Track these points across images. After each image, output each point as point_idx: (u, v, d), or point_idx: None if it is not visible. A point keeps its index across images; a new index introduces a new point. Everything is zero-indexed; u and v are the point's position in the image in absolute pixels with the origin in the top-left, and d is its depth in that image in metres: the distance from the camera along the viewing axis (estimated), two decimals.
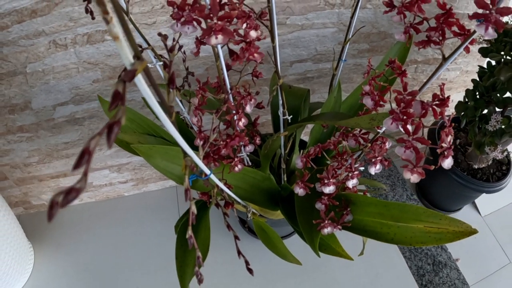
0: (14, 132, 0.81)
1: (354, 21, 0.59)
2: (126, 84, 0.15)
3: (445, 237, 0.45)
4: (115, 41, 0.15)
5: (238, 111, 0.38)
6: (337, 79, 0.64)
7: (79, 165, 0.14)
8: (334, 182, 0.45)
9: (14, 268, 0.82)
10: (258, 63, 0.46)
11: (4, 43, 0.70)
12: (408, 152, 0.35)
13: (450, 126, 0.36)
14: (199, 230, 0.53)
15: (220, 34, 0.29)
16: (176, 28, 0.33)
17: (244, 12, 0.32)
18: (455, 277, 0.90)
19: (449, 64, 0.41)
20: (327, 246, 0.51)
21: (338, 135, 0.49)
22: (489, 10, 0.33)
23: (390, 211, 0.48)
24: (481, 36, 0.94)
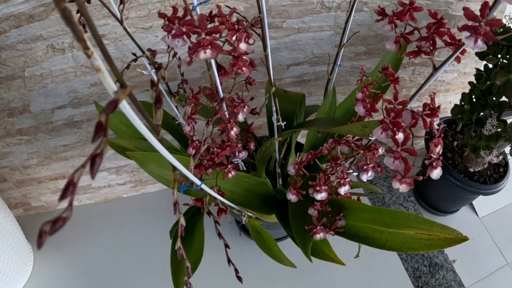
0: (13, 135, 0.82)
1: (349, 26, 0.60)
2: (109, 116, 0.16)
3: (436, 244, 0.45)
4: (97, 73, 0.16)
5: (229, 120, 0.39)
6: (332, 83, 0.65)
7: (65, 197, 0.15)
8: (325, 189, 0.46)
9: (13, 269, 0.84)
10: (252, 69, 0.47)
11: (3, 48, 0.71)
12: (397, 163, 0.35)
13: (439, 137, 0.37)
14: (194, 235, 0.54)
15: (208, 49, 0.30)
16: (167, 40, 0.34)
17: (233, 24, 0.33)
18: (451, 278, 0.91)
19: (439, 74, 0.42)
20: (320, 251, 0.52)
21: (331, 141, 0.49)
22: (478, 22, 0.33)
23: (382, 217, 0.49)
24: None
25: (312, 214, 0.50)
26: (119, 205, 1.01)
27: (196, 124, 0.41)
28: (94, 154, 0.15)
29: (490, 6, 0.34)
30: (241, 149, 0.50)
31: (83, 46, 0.15)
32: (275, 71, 0.84)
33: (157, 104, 0.24)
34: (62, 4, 0.13)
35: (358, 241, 0.50)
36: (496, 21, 0.33)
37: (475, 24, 0.34)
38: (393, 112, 0.38)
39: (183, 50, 0.76)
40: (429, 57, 0.38)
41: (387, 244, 0.48)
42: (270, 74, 0.45)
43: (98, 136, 0.15)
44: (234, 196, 0.57)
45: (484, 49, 0.35)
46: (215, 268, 0.88)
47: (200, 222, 0.54)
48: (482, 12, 0.33)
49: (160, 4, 0.69)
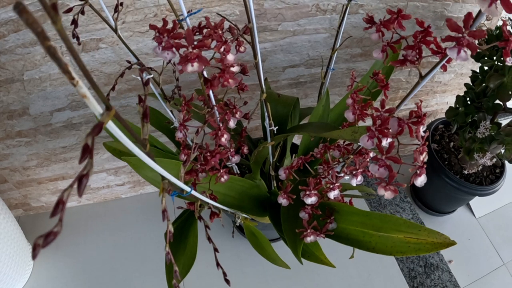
0: (13, 137, 0.84)
1: (341, 31, 0.61)
2: (94, 138, 0.17)
3: (424, 248, 0.47)
4: (83, 99, 0.18)
5: (220, 127, 0.40)
6: (326, 87, 0.66)
7: (55, 214, 0.16)
8: (315, 193, 0.47)
9: (13, 269, 0.86)
10: (245, 74, 0.48)
11: (1, 52, 0.72)
12: (382, 170, 0.37)
13: (424, 145, 0.38)
14: (188, 237, 0.55)
15: (195, 62, 0.31)
16: (157, 52, 0.35)
17: (220, 36, 0.34)
18: (446, 279, 0.92)
19: (426, 82, 0.43)
20: (311, 253, 0.53)
21: (321, 146, 0.50)
22: (461, 33, 0.34)
23: (372, 220, 0.50)
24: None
25: (303, 217, 0.51)
26: (118, 205, 1.03)
27: (188, 131, 0.42)
28: (81, 175, 0.17)
29: (473, 17, 0.35)
30: (233, 154, 0.52)
31: (68, 77, 0.16)
32: (271, 73, 0.85)
33: (145, 119, 0.25)
34: (47, 42, 0.14)
35: (349, 244, 0.52)
36: (479, 32, 0.34)
37: (458, 35, 0.35)
38: (379, 119, 0.39)
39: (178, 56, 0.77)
40: (414, 66, 0.39)
41: (377, 247, 0.49)
42: (261, 82, 0.46)
43: (84, 158, 0.17)
44: (228, 199, 0.59)
45: (467, 60, 0.36)
46: (212, 269, 0.89)
47: (194, 225, 0.56)
48: (466, 23, 0.34)
49: (156, 9, 0.71)
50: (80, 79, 0.17)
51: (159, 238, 0.95)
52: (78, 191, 0.17)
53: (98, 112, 0.19)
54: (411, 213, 1.02)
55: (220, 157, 0.40)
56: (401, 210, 1.02)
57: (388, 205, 1.01)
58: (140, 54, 0.76)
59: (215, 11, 0.73)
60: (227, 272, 0.45)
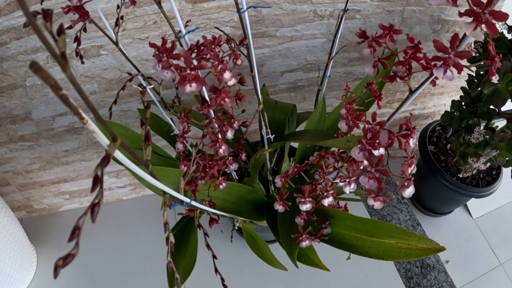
0: (16, 141, 0.86)
1: (337, 40, 0.63)
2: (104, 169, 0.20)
3: (414, 253, 0.49)
4: (92, 134, 0.20)
5: (218, 140, 0.42)
6: (322, 93, 0.68)
7: (72, 239, 0.18)
8: (310, 200, 0.50)
9: (17, 270, 0.88)
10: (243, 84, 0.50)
11: (4, 58, 0.75)
12: (371, 182, 0.39)
13: (412, 158, 0.40)
14: (188, 241, 0.58)
15: (194, 83, 0.33)
16: (157, 69, 0.37)
17: (217, 56, 0.36)
18: (443, 279, 0.95)
19: (416, 95, 0.45)
20: (306, 257, 0.56)
21: (316, 155, 0.53)
22: (448, 53, 0.36)
23: (365, 226, 0.53)
24: (470, 43, 0.96)
25: (298, 223, 0.53)
26: (119, 207, 1.06)
27: (188, 142, 0.44)
28: (93, 203, 0.19)
29: (459, 38, 0.37)
30: (232, 162, 0.54)
31: (79, 118, 0.18)
32: (270, 77, 0.87)
33: (146, 141, 0.28)
34: (60, 92, 0.16)
35: (343, 248, 0.54)
36: (465, 52, 0.36)
37: (445, 55, 0.37)
38: (370, 132, 0.41)
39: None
40: (404, 82, 0.41)
41: (369, 252, 0.52)
42: (258, 94, 0.48)
43: (95, 188, 0.19)
44: (227, 204, 0.61)
45: (453, 79, 0.38)
46: (212, 269, 0.92)
47: (194, 230, 0.58)
48: (452, 43, 0.36)
49: (156, 16, 0.72)
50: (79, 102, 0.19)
51: (160, 239, 0.97)
52: (91, 217, 0.19)
53: (106, 143, 0.21)
54: (408, 214, 1.04)
55: (218, 168, 0.42)
56: (398, 211, 1.04)
57: (386, 207, 1.03)
58: (141, 60, 0.78)
59: (214, 18, 0.75)
60: (227, 272, 0.48)
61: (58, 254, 0.97)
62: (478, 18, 0.32)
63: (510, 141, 0.70)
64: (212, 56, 0.35)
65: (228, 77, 0.36)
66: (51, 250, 0.97)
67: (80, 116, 0.18)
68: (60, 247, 0.98)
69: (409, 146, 0.41)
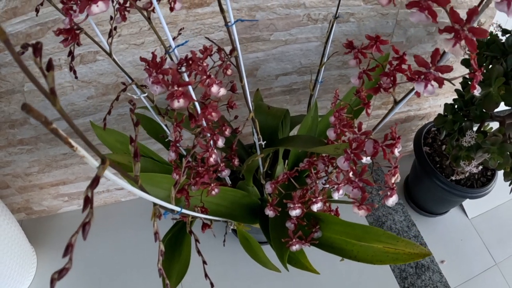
0: (15, 145, 0.89)
1: (328, 46, 0.64)
2: (93, 190, 0.21)
3: (401, 258, 0.51)
4: (82, 158, 0.22)
5: (208, 149, 0.44)
6: (314, 99, 0.70)
7: (66, 255, 0.20)
8: (299, 206, 0.52)
9: (17, 272, 0.91)
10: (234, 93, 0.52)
11: (2, 65, 0.76)
12: (355, 191, 0.41)
13: (396, 168, 0.42)
14: (182, 246, 0.60)
15: (181, 98, 0.35)
16: (148, 83, 0.39)
17: (204, 72, 0.38)
18: (437, 280, 0.97)
19: (401, 106, 0.47)
20: (297, 260, 0.58)
21: (306, 161, 0.54)
22: (428, 68, 0.38)
23: (354, 230, 0.55)
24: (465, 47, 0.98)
25: (289, 227, 0.55)
26: (117, 208, 1.08)
27: (179, 152, 0.46)
28: (84, 223, 0.21)
29: (440, 54, 0.39)
30: (224, 168, 0.56)
31: (69, 146, 0.20)
32: (264, 81, 0.89)
33: (135, 158, 0.30)
34: (50, 126, 0.18)
35: (333, 252, 0.56)
36: (446, 67, 0.38)
37: (426, 70, 0.38)
38: (355, 142, 0.43)
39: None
40: (388, 93, 0.43)
41: (359, 256, 0.54)
42: (248, 103, 0.50)
43: (86, 208, 0.21)
44: (221, 208, 0.63)
45: (434, 93, 0.40)
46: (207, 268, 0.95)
47: (187, 234, 0.60)
48: (433, 58, 0.38)
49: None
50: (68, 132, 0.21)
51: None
52: (83, 236, 0.21)
53: (95, 165, 0.23)
54: (403, 215, 1.06)
55: (208, 177, 0.44)
56: (394, 212, 1.06)
57: (381, 208, 1.05)
58: (136, 65, 0.80)
59: (208, 23, 0.77)
60: (223, 272, 0.50)
61: (57, 255, 0.99)
62: (458, 34, 0.33)
63: (501, 144, 0.72)
64: (199, 71, 0.37)
65: (215, 91, 0.38)
66: (50, 252, 1.00)
67: (70, 145, 0.20)
68: (60, 248, 1.00)
69: (393, 156, 0.43)
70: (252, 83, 0.88)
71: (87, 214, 0.21)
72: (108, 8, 0.32)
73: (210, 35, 0.78)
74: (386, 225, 1.03)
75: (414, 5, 0.35)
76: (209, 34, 0.78)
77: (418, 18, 0.35)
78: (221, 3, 0.41)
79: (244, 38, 0.80)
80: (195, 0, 0.73)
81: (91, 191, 0.22)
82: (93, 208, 0.22)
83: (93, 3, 0.32)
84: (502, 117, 0.78)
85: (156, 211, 0.33)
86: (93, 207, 0.22)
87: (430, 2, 0.34)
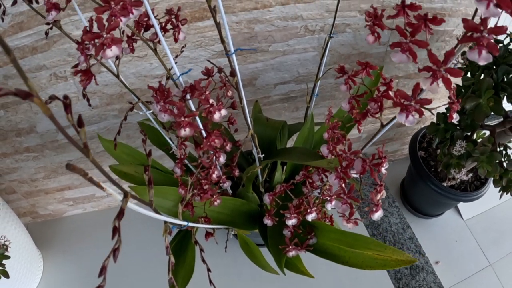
0: (21, 152, 0.94)
1: (324, 62, 0.69)
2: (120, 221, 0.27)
3: (389, 264, 0.57)
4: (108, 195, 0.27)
5: (211, 166, 0.50)
6: (311, 111, 0.75)
7: (101, 275, 0.26)
8: (295, 216, 0.57)
9: (24, 275, 0.97)
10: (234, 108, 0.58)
11: (9, 76, 0.82)
12: (344, 207, 0.46)
13: (381, 186, 0.47)
14: (187, 251, 0.66)
15: (188, 128, 0.40)
16: (156, 109, 0.45)
17: (207, 100, 0.43)
18: (431, 280, 1.03)
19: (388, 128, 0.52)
20: (293, 265, 0.64)
21: (301, 174, 0.60)
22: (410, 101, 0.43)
23: (346, 238, 0.61)
24: (458, 55, 1.02)
25: (285, 235, 0.61)
26: None
27: (184, 169, 0.52)
28: (114, 248, 0.27)
29: (420, 89, 0.44)
30: (225, 180, 0.62)
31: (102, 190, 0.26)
32: (263, 90, 0.94)
33: (150, 185, 0.35)
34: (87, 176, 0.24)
35: (327, 257, 0.62)
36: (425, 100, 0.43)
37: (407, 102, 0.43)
38: (345, 160, 0.49)
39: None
40: (375, 118, 0.49)
41: (350, 262, 0.60)
42: (247, 122, 0.55)
43: (115, 236, 0.27)
44: (222, 216, 0.69)
45: (414, 122, 0.45)
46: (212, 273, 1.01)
47: (191, 241, 0.66)
48: (414, 93, 0.43)
49: None
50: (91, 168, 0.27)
51: (161, 244, 1.05)
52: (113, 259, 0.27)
53: (119, 200, 0.28)
54: (398, 217, 1.12)
55: (211, 193, 0.50)
56: (390, 215, 1.12)
57: None
58: (139, 76, 0.85)
59: (209, 36, 0.82)
60: (225, 275, 0.56)
61: (63, 258, 1.05)
62: (435, 74, 0.38)
63: (490, 153, 0.78)
64: (202, 100, 0.43)
65: (217, 117, 0.43)
66: (56, 254, 1.06)
67: (102, 188, 0.26)
68: (65, 251, 1.06)
69: (379, 174, 0.48)
70: (251, 92, 0.93)
71: (116, 242, 0.27)
72: (120, 52, 0.38)
73: (211, 47, 0.83)
74: (382, 227, 1.09)
75: (397, 45, 0.40)
76: (210, 46, 0.83)
77: (399, 58, 0.40)
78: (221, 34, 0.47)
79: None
80: (196, 14, 0.78)
81: (118, 222, 0.27)
82: (120, 236, 0.27)
83: (107, 47, 0.37)
84: (493, 126, 0.83)
85: (166, 228, 0.39)
86: (120, 235, 0.27)
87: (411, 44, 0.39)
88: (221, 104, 0.45)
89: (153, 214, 0.35)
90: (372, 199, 0.46)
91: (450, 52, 0.37)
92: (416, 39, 0.37)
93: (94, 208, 1.14)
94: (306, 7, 0.82)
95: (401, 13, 0.42)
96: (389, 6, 0.88)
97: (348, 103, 0.50)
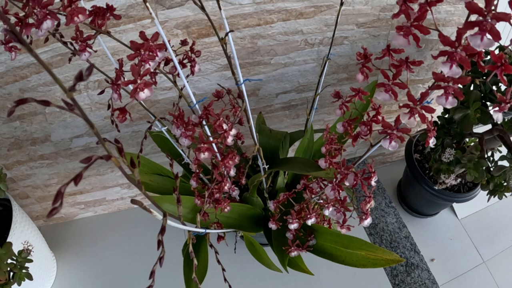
0: (36, 160, 1.05)
1: (323, 78, 0.80)
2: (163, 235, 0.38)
3: (379, 263, 0.68)
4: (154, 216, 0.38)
5: (223, 179, 0.61)
6: (311, 122, 0.86)
7: (151, 277, 0.37)
8: (297, 221, 0.68)
9: (40, 276, 1.08)
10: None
11: (25, 90, 0.92)
12: (339, 215, 0.57)
13: (370, 197, 0.58)
14: (200, 253, 0.77)
15: (207, 152, 0.51)
16: (176, 133, 0.55)
17: (221, 126, 0.54)
18: (425, 277, 1.15)
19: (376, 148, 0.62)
20: (295, 264, 0.75)
21: (302, 183, 0.71)
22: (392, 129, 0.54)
23: (341, 239, 0.72)
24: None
25: (288, 237, 0.72)
26: (131, 214, 1.25)
27: (199, 182, 0.63)
28: (160, 257, 0.37)
29: (400, 120, 0.54)
30: (234, 189, 0.73)
31: (152, 214, 0.37)
32: (266, 99, 1.04)
33: (178, 203, 0.46)
34: (143, 205, 0.34)
35: (325, 257, 0.73)
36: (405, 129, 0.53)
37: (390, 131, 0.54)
38: (340, 174, 0.60)
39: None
40: (365, 140, 0.59)
41: (346, 261, 0.71)
42: (254, 138, 0.66)
43: (159, 247, 0.37)
44: (230, 220, 0.80)
45: (397, 148, 0.55)
46: (218, 270, 1.13)
47: (205, 242, 0.77)
48: (396, 122, 0.54)
49: None
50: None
51: (171, 245, 1.16)
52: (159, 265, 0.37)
53: (160, 218, 0.39)
54: (395, 217, 1.23)
55: (224, 204, 0.61)
56: (386, 215, 1.23)
57: (374, 210, 1.22)
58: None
59: (215, 51, 0.92)
60: (231, 273, 0.66)
61: (76, 259, 1.17)
62: (412, 111, 0.49)
63: (477, 161, 0.89)
64: (217, 127, 0.53)
65: (230, 141, 0.54)
66: (69, 256, 1.17)
67: (152, 212, 0.36)
68: (77, 252, 1.18)
69: (368, 187, 0.59)
70: (255, 101, 1.03)
71: (161, 252, 0.38)
72: (152, 94, 0.48)
73: (217, 61, 0.94)
74: (379, 227, 1.21)
75: (381, 86, 0.50)
76: (216, 60, 0.93)
77: (383, 97, 0.50)
78: (232, 66, 0.57)
79: (247, 62, 0.95)
80: (203, 31, 0.88)
81: (161, 236, 0.38)
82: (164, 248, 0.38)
83: (140, 91, 0.47)
84: (481, 134, 0.94)
85: (190, 236, 0.50)
86: (164, 246, 0.38)
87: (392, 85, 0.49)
88: (231, 124, 0.56)
89: (182, 226, 0.46)
90: (362, 209, 0.57)
91: (425, 93, 0.48)
92: (397, 82, 0.48)
93: (104, 211, 1.25)
94: (306, 22, 0.92)
95: (387, 54, 0.52)
96: (384, 19, 0.98)
97: (343, 126, 0.60)
